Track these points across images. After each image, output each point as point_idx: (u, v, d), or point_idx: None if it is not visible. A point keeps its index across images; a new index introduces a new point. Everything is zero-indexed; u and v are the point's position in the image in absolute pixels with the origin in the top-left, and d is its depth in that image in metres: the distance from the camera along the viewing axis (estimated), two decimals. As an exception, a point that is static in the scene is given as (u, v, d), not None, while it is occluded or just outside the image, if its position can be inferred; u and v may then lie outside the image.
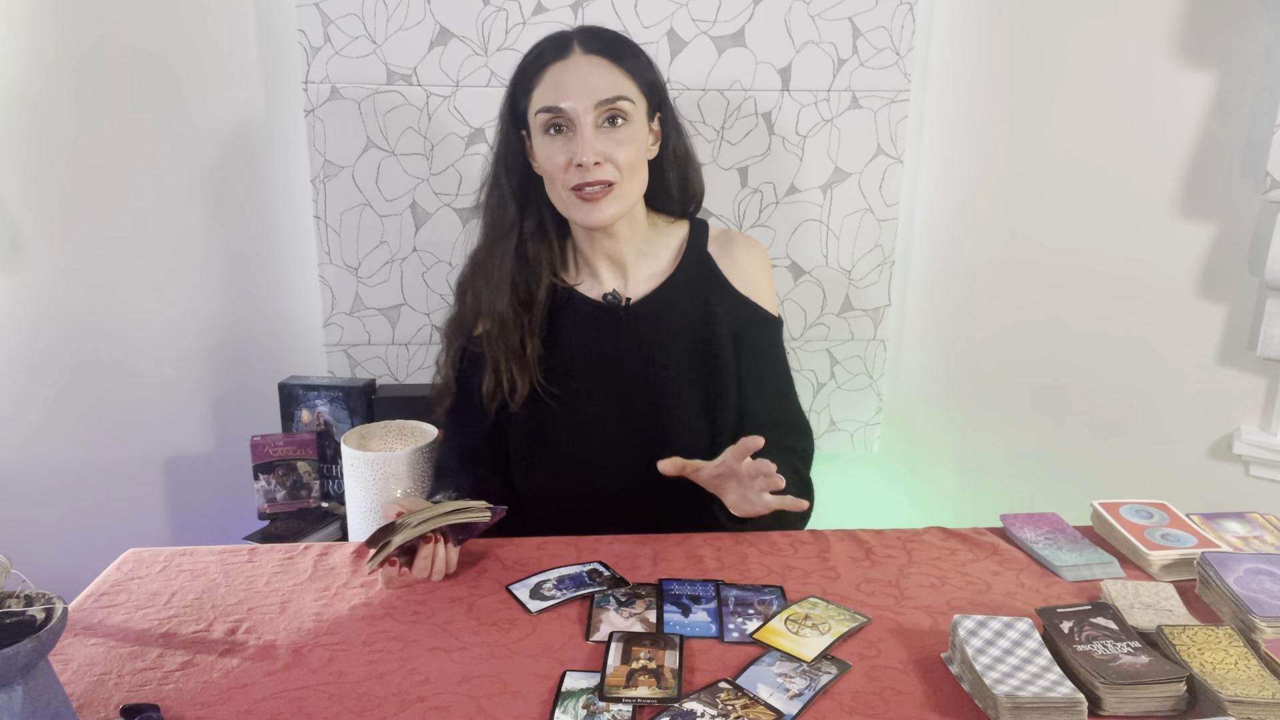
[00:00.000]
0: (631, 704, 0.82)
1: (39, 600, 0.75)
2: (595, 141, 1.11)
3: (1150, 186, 1.68)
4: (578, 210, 1.16)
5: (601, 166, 1.12)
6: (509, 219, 1.23)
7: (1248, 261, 1.62)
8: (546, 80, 1.13)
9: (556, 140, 1.14)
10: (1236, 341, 1.65)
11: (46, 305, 1.76)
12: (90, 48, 1.68)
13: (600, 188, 1.13)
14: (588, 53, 1.13)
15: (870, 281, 1.93)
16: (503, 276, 1.22)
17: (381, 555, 1.02)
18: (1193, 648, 0.86)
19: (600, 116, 1.12)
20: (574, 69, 1.12)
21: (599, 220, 1.16)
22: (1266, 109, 1.54)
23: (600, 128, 1.12)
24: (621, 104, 1.12)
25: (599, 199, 1.14)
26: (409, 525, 1.02)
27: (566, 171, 1.13)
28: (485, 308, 1.23)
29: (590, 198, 1.14)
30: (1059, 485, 1.87)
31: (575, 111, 1.11)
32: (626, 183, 1.15)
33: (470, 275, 1.28)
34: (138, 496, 1.89)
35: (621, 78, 1.14)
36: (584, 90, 1.11)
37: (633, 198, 1.19)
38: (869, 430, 2.03)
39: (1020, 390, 1.90)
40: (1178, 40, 1.61)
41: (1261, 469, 1.66)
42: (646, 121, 1.18)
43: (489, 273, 1.23)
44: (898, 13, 1.77)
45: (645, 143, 1.18)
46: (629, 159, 1.14)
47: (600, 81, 1.11)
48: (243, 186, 1.82)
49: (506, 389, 1.21)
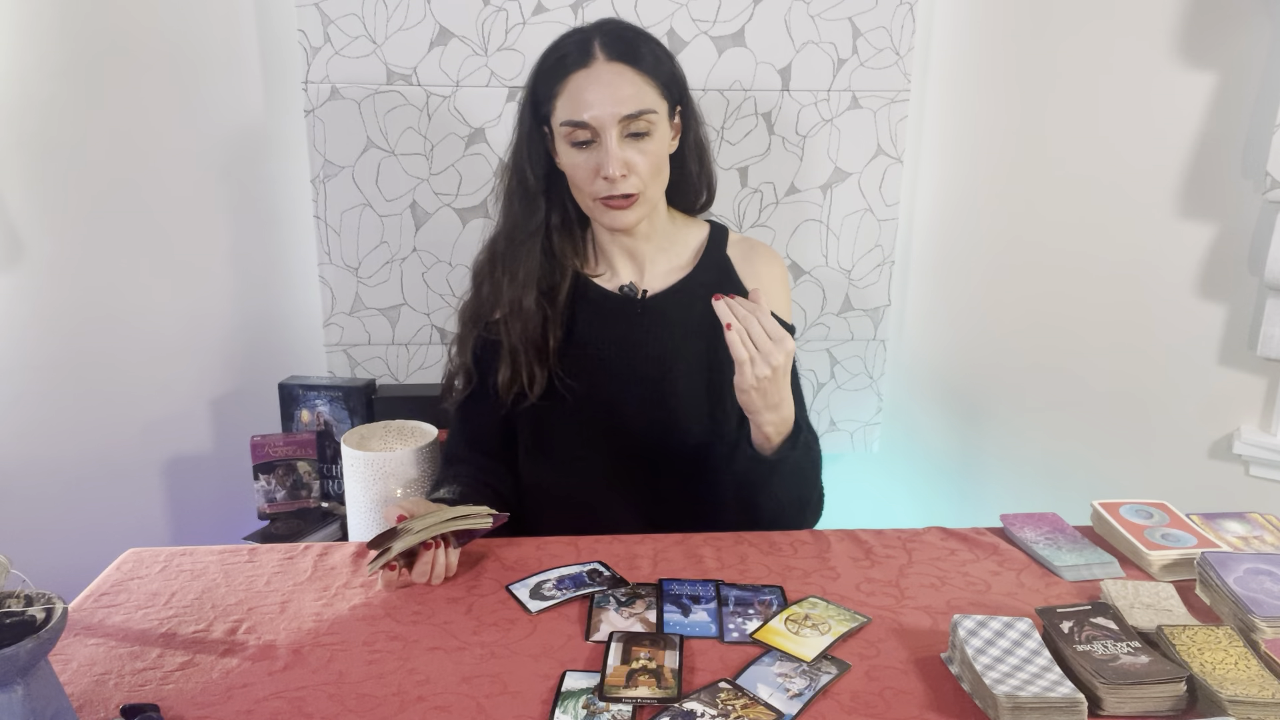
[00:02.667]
0: (631, 704, 0.82)
1: (39, 600, 0.75)
2: (620, 153, 1.11)
3: (1150, 186, 1.68)
4: (604, 216, 1.17)
5: (627, 178, 1.13)
6: (536, 217, 1.22)
7: (1248, 261, 1.62)
8: (570, 90, 1.12)
9: (582, 150, 1.14)
10: (1236, 341, 1.65)
11: (46, 305, 1.76)
12: (90, 48, 1.68)
13: (625, 198, 1.14)
14: (610, 59, 1.11)
15: (870, 281, 1.93)
16: (529, 273, 1.21)
17: (382, 560, 1.02)
18: (1193, 648, 0.86)
19: (625, 129, 1.12)
20: (597, 80, 1.10)
21: (624, 225, 1.17)
22: (1266, 109, 1.54)
23: (625, 138, 1.12)
24: (646, 116, 1.12)
25: (625, 207, 1.15)
26: (411, 531, 1.01)
27: (593, 182, 1.14)
28: (508, 301, 1.22)
29: (616, 206, 1.15)
30: (1059, 485, 1.87)
31: (600, 125, 1.11)
32: (650, 188, 1.16)
33: (489, 265, 1.26)
34: (138, 496, 1.89)
35: (645, 87, 1.12)
36: (608, 104, 1.10)
37: (655, 200, 1.19)
38: (869, 430, 2.03)
39: (1020, 390, 1.90)
40: (1177, 40, 1.61)
41: (1261, 469, 1.66)
42: (668, 123, 1.18)
43: (514, 269, 1.22)
44: (898, 13, 1.77)
45: (666, 144, 1.18)
46: (652, 166, 1.14)
47: (624, 94, 1.10)
48: (243, 186, 1.82)
49: (525, 380, 1.21)
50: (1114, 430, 1.81)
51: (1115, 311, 1.76)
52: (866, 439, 2.04)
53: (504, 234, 1.25)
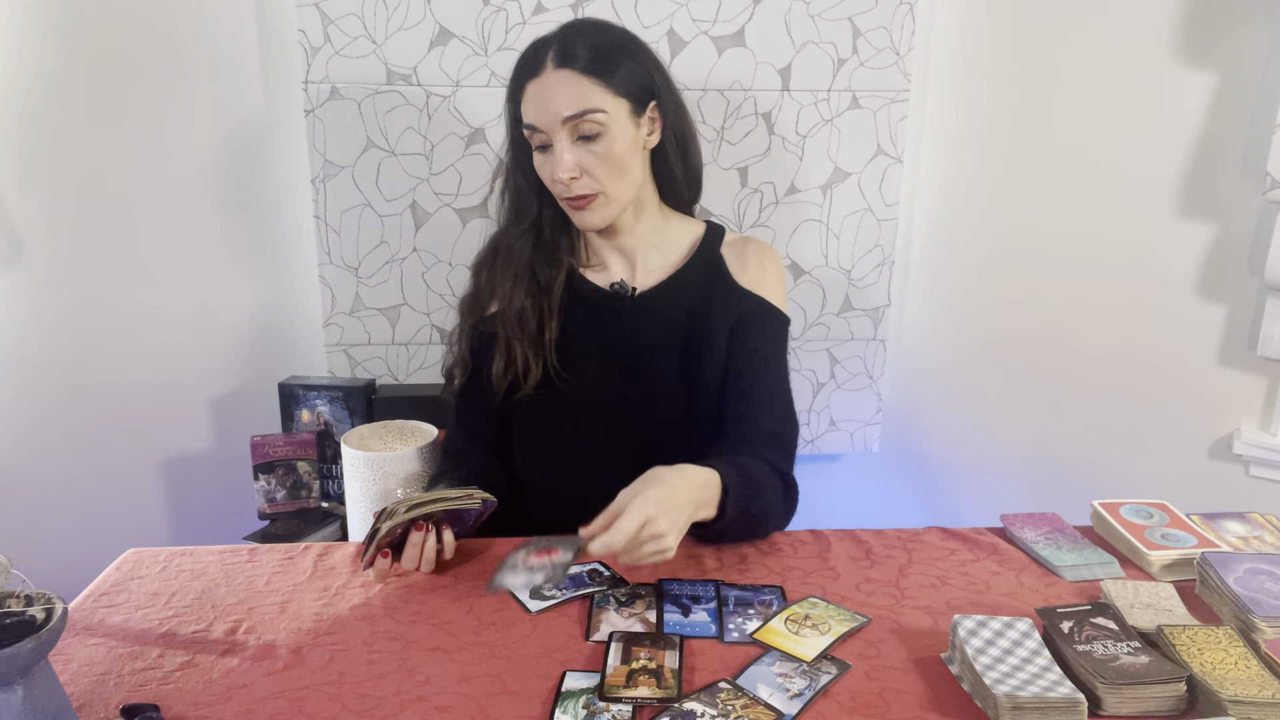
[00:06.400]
0: (631, 704, 0.82)
1: (39, 600, 0.75)
2: (570, 156, 1.13)
3: (1150, 186, 1.68)
4: (573, 216, 1.21)
5: (579, 180, 1.15)
6: (530, 211, 1.25)
7: (1248, 261, 1.62)
8: (527, 96, 1.15)
9: (543, 154, 1.17)
10: (1236, 341, 1.65)
11: (46, 305, 1.76)
12: (90, 48, 1.68)
13: (581, 199, 1.16)
14: (559, 67, 1.12)
15: (870, 281, 1.93)
16: (522, 265, 1.24)
17: (371, 545, 1.02)
18: (1193, 648, 0.86)
19: (574, 131, 1.13)
20: (544, 86, 1.13)
21: (589, 226, 1.20)
22: (1266, 109, 1.54)
23: (576, 141, 1.14)
24: (592, 118, 1.12)
25: (585, 208, 1.17)
26: (398, 513, 1.02)
27: (554, 184, 1.17)
28: (502, 293, 1.25)
29: (576, 206, 1.18)
30: (1059, 485, 1.87)
31: (549, 129, 1.13)
32: (610, 188, 1.17)
33: (489, 256, 1.30)
34: (138, 496, 1.89)
35: (592, 88, 1.12)
36: (550, 108, 1.12)
37: (623, 198, 1.19)
38: (869, 430, 2.03)
39: (1020, 390, 1.90)
40: (1178, 40, 1.61)
41: (1261, 469, 1.66)
42: (630, 120, 1.17)
43: (509, 261, 1.26)
44: (898, 13, 1.77)
45: (630, 142, 1.17)
46: (608, 168, 1.15)
47: (564, 97, 1.11)
48: (243, 186, 1.82)
49: (520, 371, 1.23)
50: (1114, 430, 1.81)
51: (1115, 311, 1.76)
52: (866, 439, 2.04)
53: (502, 229, 1.29)
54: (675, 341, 1.25)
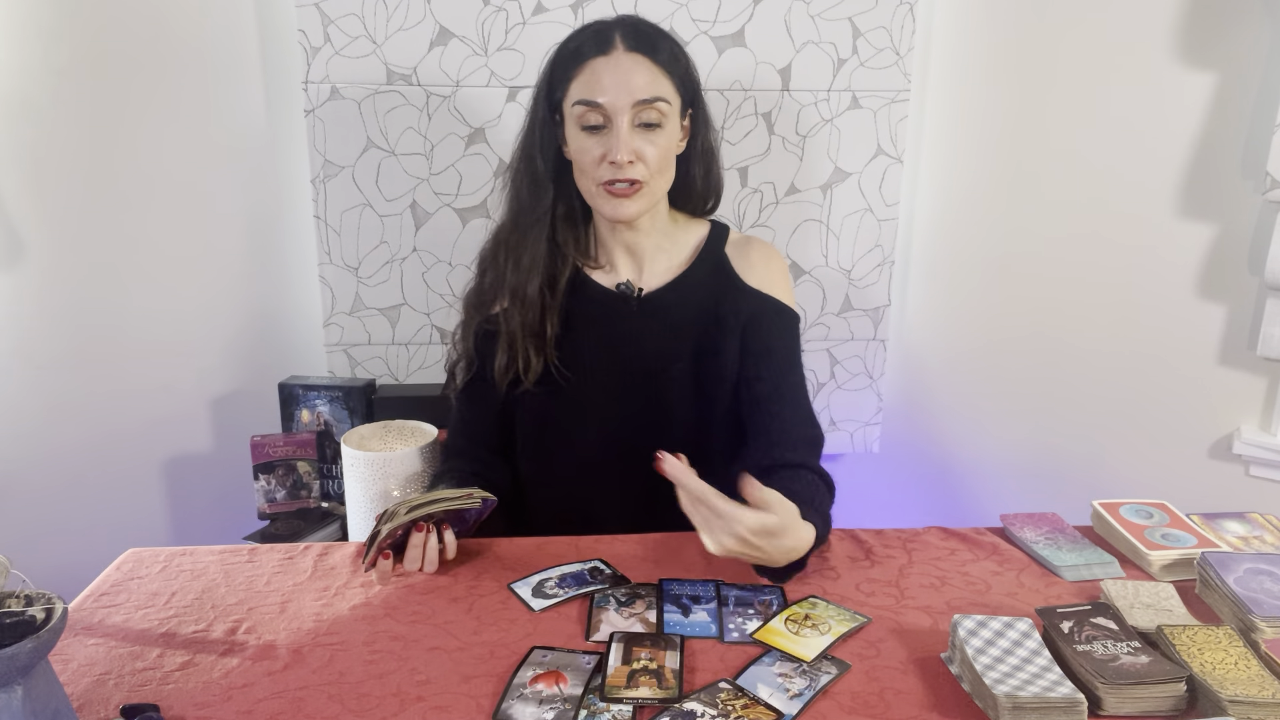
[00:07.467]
0: (632, 704, 0.82)
1: (39, 600, 0.75)
2: (630, 140, 1.12)
3: (1150, 186, 1.68)
4: (605, 204, 1.18)
5: (634, 165, 1.14)
6: (543, 204, 1.23)
7: (1248, 261, 1.62)
8: (586, 74, 1.13)
9: (592, 135, 1.15)
10: (1236, 341, 1.65)
11: (46, 305, 1.76)
12: (90, 48, 1.68)
13: (629, 185, 1.15)
14: (630, 50, 1.13)
15: (870, 281, 1.93)
16: (534, 260, 1.22)
17: (373, 546, 1.02)
18: (1193, 648, 0.86)
19: (637, 116, 1.13)
20: (615, 66, 1.12)
21: (625, 215, 1.18)
22: (1266, 109, 1.54)
23: (636, 127, 1.13)
24: (659, 105, 1.13)
25: (628, 195, 1.16)
26: (399, 514, 1.02)
27: (599, 167, 1.15)
28: (511, 288, 1.23)
29: (619, 194, 1.16)
30: (1059, 485, 1.87)
31: (614, 109, 1.12)
32: (655, 181, 1.17)
33: (494, 252, 1.28)
34: (138, 496, 1.89)
35: (660, 77, 1.14)
36: (623, 88, 1.11)
37: (659, 194, 1.20)
38: (869, 430, 2.03)
39: (1020, 390, 1.90)
40: (1178, 40, 1.61)
41: (1261, 469, 1.66)
42: (679, 120, 1.19)
43: (519, 256, 1.24)
44: (898, 13, 1.77)
45: (675, 140, 1.19)
46: (660, 158, 1.16)
47: (640, 81, 1.12)
48: (243, 186, 1.82)
49: (521, 366, 1.22)
50: (1114, 430, 1.81)
51: (1115, 311, 1.76)
52: (866, 439, 2.04)
53: (510, 220, 1.26)
54: (685, 343, 1.24)
